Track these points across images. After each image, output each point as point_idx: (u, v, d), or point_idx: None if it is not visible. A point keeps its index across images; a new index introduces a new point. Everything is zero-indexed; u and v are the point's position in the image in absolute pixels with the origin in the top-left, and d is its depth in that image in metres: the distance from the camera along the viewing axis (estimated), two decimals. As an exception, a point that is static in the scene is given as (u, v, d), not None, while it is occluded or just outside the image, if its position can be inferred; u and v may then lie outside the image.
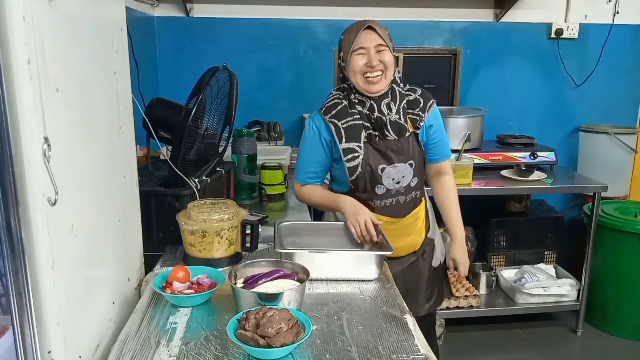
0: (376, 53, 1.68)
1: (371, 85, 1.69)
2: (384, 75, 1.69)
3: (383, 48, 1.68)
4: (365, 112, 1.74)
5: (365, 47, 1.68)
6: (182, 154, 1.64)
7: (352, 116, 1.75)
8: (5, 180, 0.81)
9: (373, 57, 1.67)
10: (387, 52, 1.69)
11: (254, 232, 1.57)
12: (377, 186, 1.77)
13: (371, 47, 1.67)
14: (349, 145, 1.73)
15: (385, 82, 1.71)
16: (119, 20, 1.34)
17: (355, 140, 1.73)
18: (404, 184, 1.78)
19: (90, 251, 1.10)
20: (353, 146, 1.73)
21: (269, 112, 3.22)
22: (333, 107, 1.78)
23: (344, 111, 1.76)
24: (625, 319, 3.05)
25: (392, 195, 1.79)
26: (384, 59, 1.68)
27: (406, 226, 1.85)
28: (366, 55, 1.68)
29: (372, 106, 1.73)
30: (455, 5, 3.28)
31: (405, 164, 1.76)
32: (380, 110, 1.72)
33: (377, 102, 1.73)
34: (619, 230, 2.95)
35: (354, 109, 1.75)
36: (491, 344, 2.98)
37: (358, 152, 1.73)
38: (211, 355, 1.07)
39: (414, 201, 1.84)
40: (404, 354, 1.09)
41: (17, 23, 0.80)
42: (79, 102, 1.05)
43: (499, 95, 3.43)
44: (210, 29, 3.17)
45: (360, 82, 1.70)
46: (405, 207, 1.83)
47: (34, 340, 0.87)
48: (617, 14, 3.39)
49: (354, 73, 1.70)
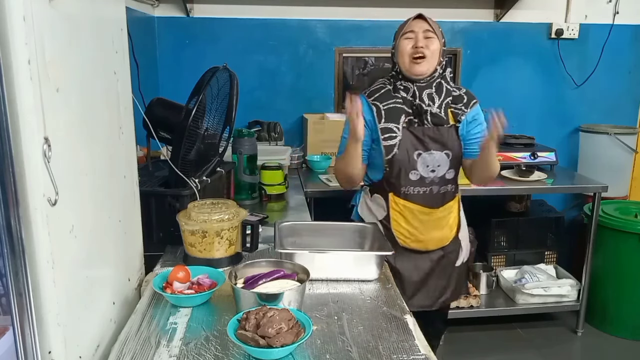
0: (423, 38, 1.78)
1: (415, 65, 1.79)
2: (428, 59, 1.78)
3: (431, 35, 1.80)
4: (408, 97, 1.82)
5: (414, 30, 1.80)
6: (182, 154, 1.64)
7: (394, 99, 1.84)
8: (5, 180, 0.81)
9: (420, 39, 1.79)
10: (435, 40, 1.80)
11: (254, 232, 1.57)
12: (412, 171, 1.82)
13: (419, 32, 1.80)
14: (388, 125, 1.82)
15: (428, 65, 1.80)
16: (119, 20, 1.34)
17: (394, 121, 1.82)
18: (439, 174, 1.84)
19: (90, 251, 1.10)
20: (391, 126, 1.82)
21: (269, 112, 3.22)
22: (377, 90, 1.89)
23: (386, 94, 1.86)
24: (625, 319, 3.05)
25: (426, 184, 1.83)
26: (429, 45, 1.78)
27: (439, 218, 1.89)
28: (413, 39, 1.79)
29: (415, 93, 1.82)
30: (455, 5, 3.28)
31: (441, 152, 1.82)
32: (421, 98, 1.81)
33: (420, 90, 1.82)
34: (619, 230, 2.95)
35: (397, 93, 1.84)
36: (491, 344, 2.98)
37: (396, 132, 1.81)
38: (211, 355, 1.07)
39: (447, 194, 1.89)
40: (404, 354, 1.09)
41: (17, 23, 0.80)
42: (79, 102, 1.04)
43: (499, 95, 3.42)
44: (210, 29, 3.17)
45: (407, 63, 1.80)
46: (438, 198, 1.87)
47: (34, 340, 0.87)
48: (617, 14, 3.39)
49: (401, 55, 1.81)
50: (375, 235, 1.64)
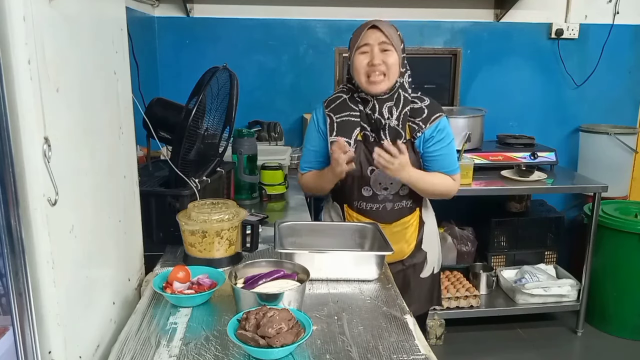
0: (380, 52, 1.66)
1: (372, 85, 1.68)
2: (387, 76, 1.67)
3: (387, 47, 1.66)
4: (366, 111, 1.73)
5: (369, 44, 1.67)
6: (182, 154, 1.64)
7: (349, 111, 1.75)
8: (5, 180, 0.81)
9: (376, 55, 1.66)
10: (392, 52, 1.67)
11: (254, 232, 1.57)
12: (364, 187, 1.76)
13: (374, 45, 1.66)
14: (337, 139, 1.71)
15: (387, 84, 1.69)
16: (119, 20, 1.34)
17: (345, 135, 1.73)
18: (392, 191, 1.77)
19: (90, 251, 1.10)
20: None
21: (269, 112, 3.22)
22: (334, 100, 1.80)
23: (342, 105, 1.77)
24: (625, 319, 3.05)
25: (379, 200, 1.77)
26: (387, 60, 1.66)
27: (393, 233, 1.81)
28: (369, 53, 1.67)
29: (374, 106, 1.72)
30: (455, 5, 3.28)
31: None
32: (380, 112, 1.71)
33: (380, 104, 1.72)
34: (619, 230, 2.95)
35: (355, 105, 1.75)
36: (491, 344, 2.98)
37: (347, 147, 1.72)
38: (211, 355, 1.07)
39: (403, 209, 1.81)
40: (404, 354, 1.09)
41: (17, 23, 0.80)
42: (79, 102, 1.05)
43: (499, 95, 3.43)
44: (210, 29, 3.17)
45: (363, 81, 1.69)
46: (393, 214, 1.80)
47: (34, 340, 0.87)
48: (617, 14, 3.39)
49: (356, 71, 1.70)
50: (375, 235, 1.63)
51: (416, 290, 1.93)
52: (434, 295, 2.01)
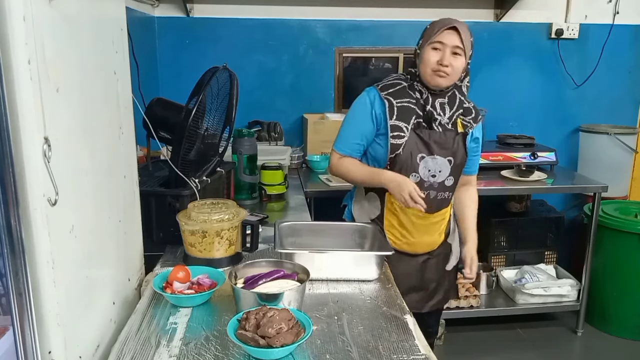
0: (451, 54, 1.72)
1: (436, 79, 1.74)
2: (450, 77, 1.75)
3: (459, 51, 1.73)
4: (421, 100, 1.79)
5: (444, 43, 1.72)
6: (182, 154, 1.64)
7: (409, 97, 1.80)
8: (5, 180, 0.81)
9: (447, 56, 1.72)
10: (462, 57, 1.74)
11: (254, 232, 1.57)
12: (412, 173, 1.79)
13: (448, 46, 1.72)
14: (398, 123, 1.78)
15: (448, 82, 1.76)
16: (119, 20, 1.34)
17: (404, 120, 1.78)
18: (439, 179, 1.81)
19: (90, 251, 1.10)
20: (401, 125, 1.78)
21: (269, 112, 3.22)
22: (391, 85, 1.83)
23: (401, 91, 1.81)
24: (625, 319, 3.05)
25: (424, 187, 1.81)
26: (455, 63, 1.73)
27: (432, 224, 1.87)
28: (441, 51, 1.73)
29: (428, 98, 1.78)
30: (455, 5, 3.28)
31: (444, 158, 1.80)
32: (433, 105, 1.78)
33: (433, 97, 1.79)
34: (619, 230, 2.95)
35: (412, 92, 1.80)
36: (491, 344, 2.98)
37: (404, 132, 1.78)
38: (211, 355, 1.07)
39: (444, 201, 1.87)
40: (404, 354, 1.09)
41: (17, 23, 0.80)
42: (79, 102, 1.05)
43: (499, 95, 3.43)
44: (210, 29, 3.17)
45: (427, 74, 1.75)
46: (435, 203, 1.84)
47: (34, 340, 0.87)
48: (617, 14, 3.39)
49: (424, 64, 1.76)
50: (375, 235, 1.64)
51: (442, 283, 1.97)
52: (452, 288, 2.07)
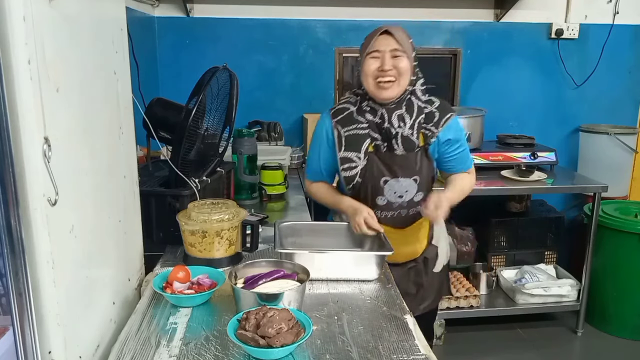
0: (391, 57, 1.63)
1: (381, 90, 1.64)
2: (397, 82, 1.64)
3: (399, 53, 1.63)
4: (375, 120, 1.69)
5: (380, 50, 1.64)
6: (182, 154, 1.64)
7: (357, 124, 1.71)
8: (5, 180, 0.81)
9: (386, 60, 1.62)
10: (403, 58, 1.63)
11: (254, 232, 1.57)
12: (379, 197, 1.75)
13: (386, 51, 1.63)
14: (347, 154, 1.71)
15: (397, 89, 1.65)
16: (119, 20, 1.34)
17: (354, 149, 1.71)
18: (407, 198, 1.75)
19: (90, 251, 1.10)
20: (351, 156, 1.71)
21: (269, 112, 3.22)
22: (340, 111, 1.75)
23: (349, 117, 1.73)
24: (625, 319, 3.05)
25: (394, 208, 1.76)
26: (398, 65, 1.63)
27: (407, 235, 1.83)
28: (379, 58, 1.64)
29: (383, 116, 1.68)
30: (455, 5, 3.28)
31: (409, 178, 1.72)
32: (390, 121, 1.68)
33: (389, 112, 1.68)
34: (619, 230, 2.95)
35: (362, 116, 1.71)
36: (491, 344, 2.98)
37: (356, 162, 1.71)
38: (211, 355, 1.07)
39: (417, 214, 1.81)
40: (404, 354, 1.09)
41: (17, 23, 0.80)
42: (79, 102, 1.05)
43: (499, 95, 3.43)
44: (210, 29, 3.17)
45: (372, 86, 1.66)
46: (408, 219, 1.80)
47: (34, 340, 0.87)
48: (617, 14, 3.39)
49: (366, 76, 1.66)
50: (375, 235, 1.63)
51: (429, 286, 1.95)
52: (443, 287, 2.04)
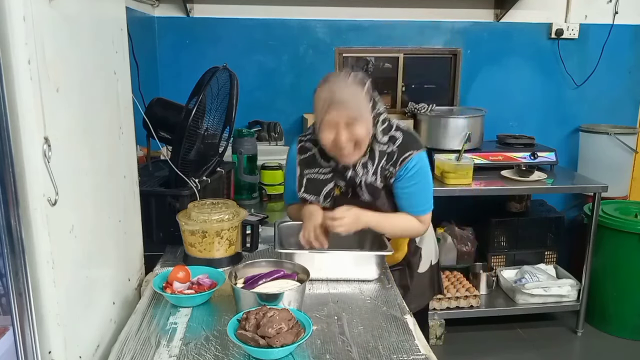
0: (346, 128, 1.50)
1: (342, 158, 1.57)
2: (357, 148, 1.54)
3: (353, 121, 1.50)
4: (339, 168, 1.63)
5: (333, 121, 1.50)
6: (182, 154, 1.64)
7: (319, 167, 1.65)
8: (5, 180, 0.81)
9: (341, 134, 1.50)
10: (358, 125, 1.50)
11: (254, 232, 1.57)
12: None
13: (340, 123, 1.50)
14: (306, 196, 1.65)
15: (358, 154, 1.56)
16: (119, 20, 1.34)
17: (313, 193, 1.65)
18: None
19: (90, 251, 1.10)
20: (310, 198, 1.65)
21: (269, 112, 3.22)
22: (304, 150, 1.68)
23: (312, 160, 1.66)
24: (625, 319, 3.05)
25: None
26: (355, 133, 1.50)
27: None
28: (334, 130, 1.51)
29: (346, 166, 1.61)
30: (455, 5, 3.28)
31: None
32: (354, 170, 1.61)
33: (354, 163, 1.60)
34: (619, 230, 2.94)
35: (325, 160, 1.64)
36: (491, 344, 2.98)
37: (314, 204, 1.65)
38: (211, 355, 1.07)
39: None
40: (404, 354, 1.09)
41: (17, 23, 0.80)
42: (79, 102, 1.05)
43: (499, 95, 3.43)
44: (210, 29, 3.17)
45: (332, 153, 1.58)
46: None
47: (34, 340, 0.88)
48: (617, 14, 3.39)
49: (324, 145, 1.56)
50: (375, 235, 1.63)
51: (416, 287, 1.93)
52: (434, 286, 2.02)
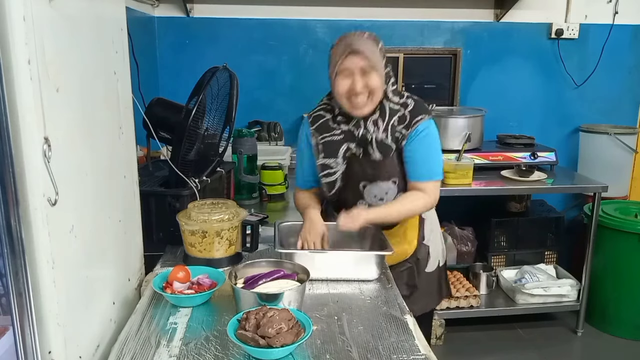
0: (361, 77, 1.58)
1: (355, 109, 1.62)
2: (370, 98, 1.61)
3: (369, 69, 1.58)
4: (350, 128, 1.68)
5: (350, 69, 1.58)
6: (182, 154, 1.64)
7: (332, 131, 1.71)
8: (5, 180, 0.81)
9: (357, 81, 1.57)
10: (374, 74, 1.58)
11: (254, 232, 1.57)
12: (359, 201, 1.73)
13: (356, 71, 1.57)
14: (325, 161, 1.70)
15: (371, 106, 1.63)
16: (119, 20, 1.34)
17: (332, 155, 1.70)
18: (388, 199, 1.74)
19: (90, 251, 1.10)
20: (329, 162, 1.70)
21: (269, 112, 3.22)
22: (317, 118, 1.75)
23: (325, 125, 1.72)
24: (625, 319, 3.05)
25: None
26: (369, 83, 1.58)
27: (394, 236, 1.79)
28: (350, 77, 1.58)
29: (358, 123, 1.67)
30: (455, 5, 3.28)
31: (387, 181, 1.70)
32: (365, 127, 1.66)
33: (364, 119, 1.66)
34: (619, 230, 2.94)
35: (337, 124, 1.70)
36: (491, 344, 2.98)
37: (334, 167, 1.70)
38: (211, 355, 1.07)
39: None
40: (404, 354, 1.09)
41: (17, 23, 0.80)
42: (79, 102, 1.05)
43: (499, 95, 3.43)
44: (210, 29, 3.17)
45: (345, 105, 1.64)
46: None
47: (34, 340, 0.88)
48: (617, 14, 3.39)
49: (338, 95, 1.62)
50: (375, 235, 1.63)
51: (423, 286, 1.94)
52: (442, 288, 2.03)
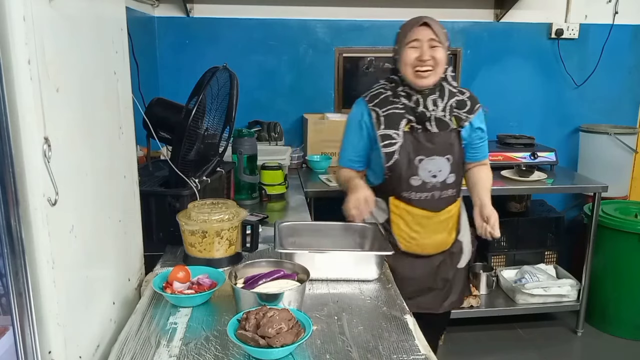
0: (429, 48, 1.74)
1: (420, 79, 1.75)
2: (434, 70, 1.75)
3: (436, 44, 1.74)
4: (410, 104, 1.79)
5: (419, 39, 1.74)
6: (182, 154, 1.64)
7: (393, 104, 1.81)
8: (5, 180, 0.81)
9: (425, 50, 1.73)
10: (440, 48, 1.74)
11: (254, 232, 1.57)
12: (413, 177, 1.80)
13: (424, 41, 1.74)
14: (387, 131, 1.79)
15: (434, 78, 1.76)
16: (119, 20, 1.34)
17: (393, 127, 1.79)
18: (440, 179, 1.83)
19: (90, 251, 1.10)
20: (390, 133, 1.79)
21: (269, 112, 3.22)
22: (376, 95, 1.85)
23: (386, 100, 1.82)
24: (625, 319, 3.05)
25: (427, 189, 1.82)
26: (435, 55, 1.73)
27: (440, 222, 1.89)
28: (419, 48, 1.74)
29: (418, 100, 1.79)
30: (455, 5, 3.28)
31: (443, 157, 1.81)
32: (425, 105, 1.78)
33: (424, 97, 1.79)
34: (619, 230, 2.95)
35: (397, 99, 1.81)
36: (491, 344, 2.98)
37: (395, 139, 1.79)
38: (211, 355, 1.07)
39: (449, 198, 1.88)
40: (404, 354, 1.09)
41: (17, 23, 0.80)
42: (79, 102, 1.05)
43: (499, 95, 3.42)
44: (210, 29, 3.17)
45: (410, 74, 1.76)
46: (440, 202, 1.87)
47: (34, 340, 0.87)
48: (617, 14, 3.39)
49: (405, 65, 1.77)
50: (375, 235, 1.64)
51: (456, 282, 1.98)
52: (466, 287, 2.07)
